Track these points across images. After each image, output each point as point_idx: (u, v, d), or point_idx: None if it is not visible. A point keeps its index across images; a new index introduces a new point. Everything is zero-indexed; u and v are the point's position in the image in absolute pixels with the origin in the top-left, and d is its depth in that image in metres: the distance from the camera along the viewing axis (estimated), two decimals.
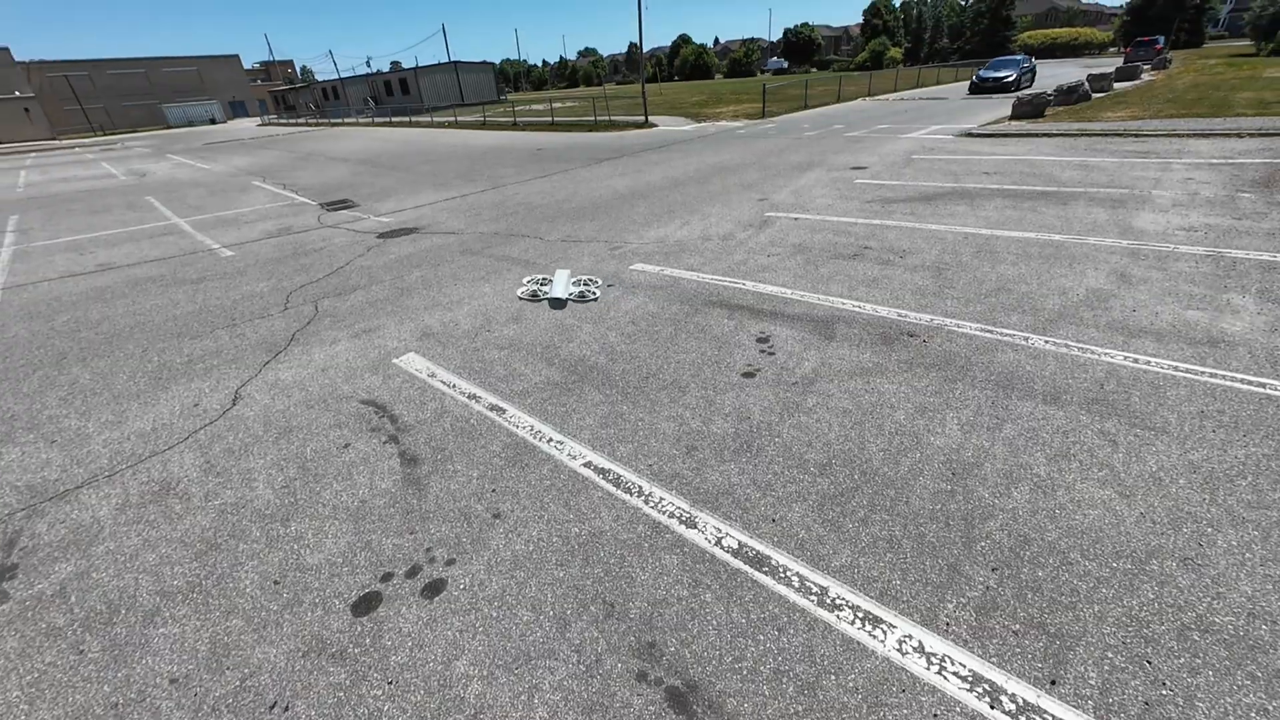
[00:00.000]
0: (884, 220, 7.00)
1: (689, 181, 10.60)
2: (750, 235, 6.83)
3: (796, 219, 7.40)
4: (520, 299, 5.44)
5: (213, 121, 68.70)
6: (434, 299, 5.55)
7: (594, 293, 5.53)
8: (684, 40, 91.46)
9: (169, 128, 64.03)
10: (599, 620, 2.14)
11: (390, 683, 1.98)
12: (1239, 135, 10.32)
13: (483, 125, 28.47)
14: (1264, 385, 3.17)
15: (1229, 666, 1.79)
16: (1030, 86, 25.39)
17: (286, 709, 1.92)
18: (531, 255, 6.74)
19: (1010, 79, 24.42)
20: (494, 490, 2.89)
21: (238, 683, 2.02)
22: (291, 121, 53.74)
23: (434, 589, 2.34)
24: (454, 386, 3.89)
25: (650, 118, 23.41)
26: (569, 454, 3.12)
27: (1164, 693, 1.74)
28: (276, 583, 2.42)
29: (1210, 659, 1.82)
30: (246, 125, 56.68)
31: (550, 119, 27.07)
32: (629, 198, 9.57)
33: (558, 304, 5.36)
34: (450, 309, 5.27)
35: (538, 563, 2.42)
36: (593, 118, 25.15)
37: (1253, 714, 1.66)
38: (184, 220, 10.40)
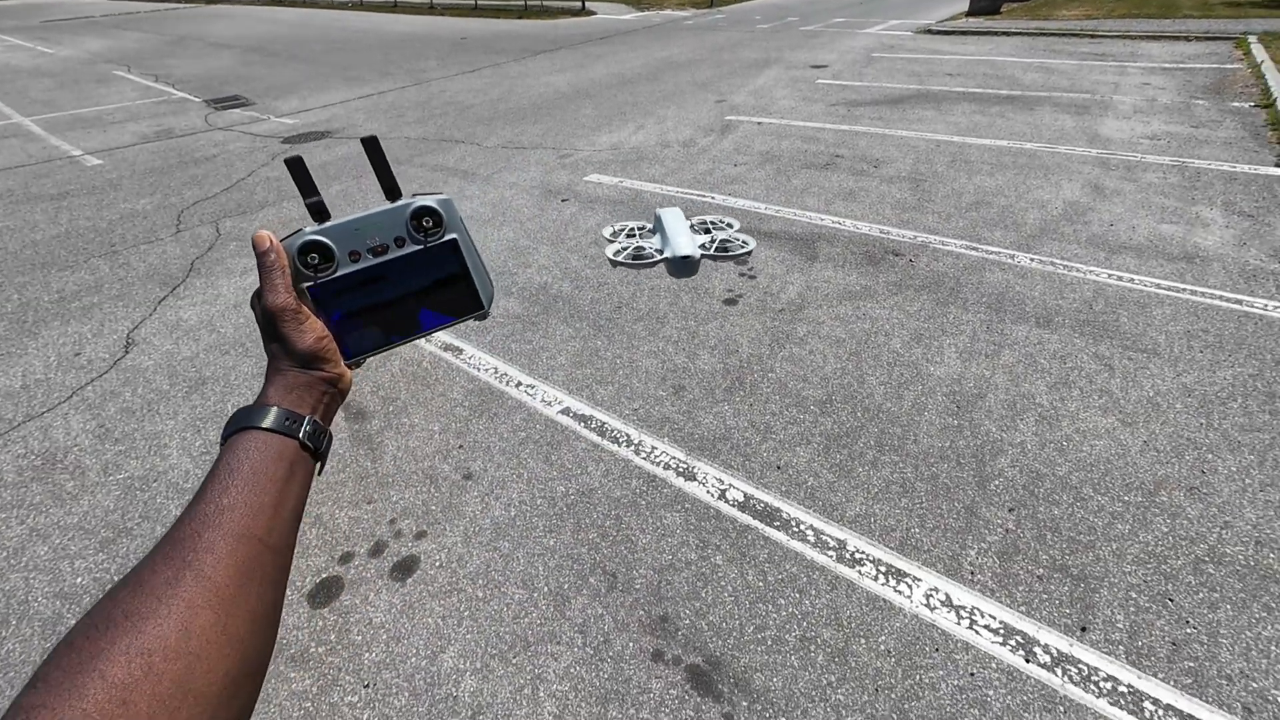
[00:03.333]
0: (852, 125, 6.57)
1: (638, 79, 9.62)
2: (713, 142, 6.27)
3: (760, 123, 6.85)
4: (614, 262, 3.81)
5: None
6: None
7: (741, 240, 3.85)
8: None
9: None
10: (601, 594, 1.92)
11: (367, 686, 1.71)
12: (1187, 38, 10.29)
13: (394, 8, 24.83)
14: (1240, 302, 3.18)
15: (1245, 599, 1.79)
16: None
17: None
18: (470, 164, 5.94)
19: None
20: (461, 446, 2.54)
21: None
22: None
23: (405, 568, 2.04)
24: None
25: (587, 4, 21.05)
26: (542, 399, 2.78)
27: (1189, 631, 1.72)
28: None
29: (1227, 592, 1.81)
30: None
31: (473, 2, 23.89)
32: (573, 97, 8.60)
33: (682, 267, 3.63)
34: None
35: (523, 530, 2.15)
36: (522, 3, 22.36)
37: (1273, 647, 1.67)
38: (30, 119, 8.56)
